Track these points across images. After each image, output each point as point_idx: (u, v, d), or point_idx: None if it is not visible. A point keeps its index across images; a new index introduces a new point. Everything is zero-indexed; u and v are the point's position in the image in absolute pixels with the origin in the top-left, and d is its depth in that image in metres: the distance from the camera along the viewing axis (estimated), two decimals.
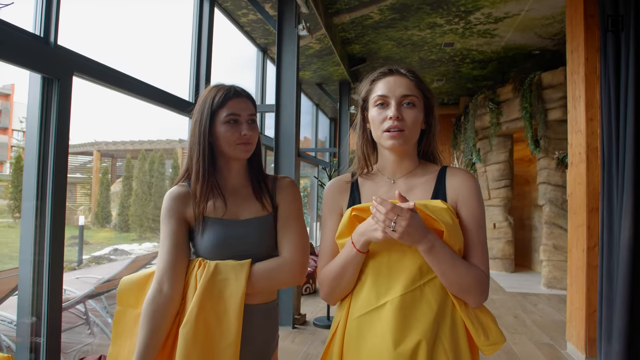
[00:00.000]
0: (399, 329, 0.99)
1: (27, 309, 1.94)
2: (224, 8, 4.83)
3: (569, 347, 3.55)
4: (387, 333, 1.00)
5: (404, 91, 1.09)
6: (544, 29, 5.72)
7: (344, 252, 1.07)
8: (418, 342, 0.98)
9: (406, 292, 1.02)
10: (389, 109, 1.08)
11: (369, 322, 1.04)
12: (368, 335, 1.03)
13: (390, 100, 1.09)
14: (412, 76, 1.12)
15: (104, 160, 13.90)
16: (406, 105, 1.09)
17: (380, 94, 1.10)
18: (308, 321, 4.32)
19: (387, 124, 1.08)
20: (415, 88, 1.11)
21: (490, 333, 1.06)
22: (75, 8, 2.66)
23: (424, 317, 1.01)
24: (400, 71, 1.13)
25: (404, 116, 1.08)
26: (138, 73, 2.69)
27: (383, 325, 1.01)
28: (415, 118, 1.09)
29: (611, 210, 2.94)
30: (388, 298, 1.03)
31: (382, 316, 1.02)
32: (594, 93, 3.32)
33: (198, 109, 1.23)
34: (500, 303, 5.28)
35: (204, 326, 1.10)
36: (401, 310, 1.01)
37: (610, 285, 2.93)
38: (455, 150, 9.26)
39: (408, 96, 1.09)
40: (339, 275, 1.07)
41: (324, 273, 1.12)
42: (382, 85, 1.11)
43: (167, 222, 1.20)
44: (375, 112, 1.11)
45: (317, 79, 7.61)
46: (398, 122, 1.07)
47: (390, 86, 1.10)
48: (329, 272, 1.10)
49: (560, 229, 5.98)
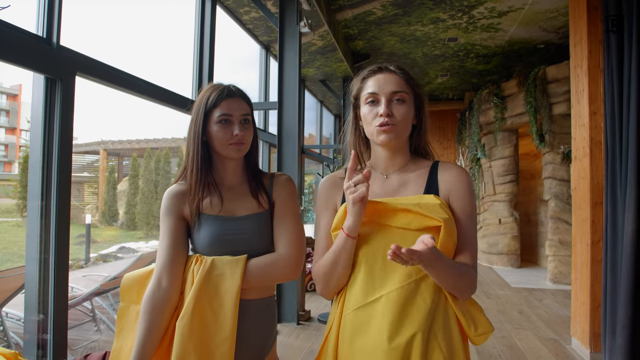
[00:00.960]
0: (394, 322, 1.00)
1: (34, 307, 1.97)
2: (226, 6, 4.85)
3: (574, 342, 3.55)
4: (382, 327, 1.01)
5: (393, 88, 1.11)
6: (549, 23, 5.68)
7: (336, 241, 1.08)
8: (413, 335, 0.99)
9: (401, 286, 1.03)
10: (380, 106, 1.10)
11: (364, 316, 1.05)
12: (362, 329, 1.04)
13: (381, 97, 1.11)
14: (402, 73, 1.14)
15: (110, 159, 14.01)
16: (396, 102, 1.11)
17: (370, 91, 1.12)
18: (313, 317, 4.34)
19: (378, 121, 1.10)
20: (404, 84, 1.12)
21: (480, 324, 1.07)
22: (78, 8, 2.68)
23: (419, 310, 1.02)
24: (390, 68, 1.14)
25: (394, 112, 1.10)
26: (141, 72, 2.71)
27: (378, 319, 1.02)
28: (406, 113, 1.11)
29: (615, 204, 2.93)
30: (383, 292, 1.04)
31: (377, 310, 1.03)
32: (598, 87, 3.30)
33: (194, 109, 1.26)
34: (505, 299, 5.27)
35: (199, 320, 1.12)
36: (396, 303, 1.02)
37: (614, 279, 2.92)
38: (460, 145, 9.23)
39: (398, 92, 1.11)
40: (332, 266, 1.08)
41: (318, 266, 1.14)
42: (372, 83, 1.13)
43: (165, 219, 1.23)
44: (367, 110, 1.13)
45: (321, 76, 7.61)
46: (389, 119, 1.09)
47: (380, 83, 1.12)
48: (322, 264, 1.12)
49: (566, 224, 5.95)
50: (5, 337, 3.01)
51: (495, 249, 7.41)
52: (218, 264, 1.16)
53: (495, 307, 4.88)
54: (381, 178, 1.17)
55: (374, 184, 1.15)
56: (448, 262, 1.01)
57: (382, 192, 1.14)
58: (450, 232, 1.04)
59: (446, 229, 1.03)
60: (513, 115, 6.80)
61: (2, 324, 3.03)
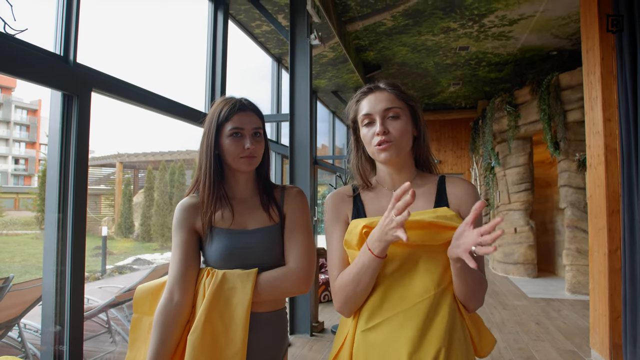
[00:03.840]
0: (415, 337, 0.99)
1: (51, 318, 2.00)
2: (237, 20, 4.93)
3: (593, 354, 3.46)
4: (402, 343, 0.99)
5: (385, 105, 1.11)
6: (561, 29, 5.65)
7: (360, 259, 1.04)
8: (438, 350, 0.98)
9: (420, 301, 1.02)
10: (375, 126, 1.11)
11: (381, 334, 1.03)
12: (379, 347, 1.02)
13: (375, 116, 1.11)
14: (392, 89, 1.14)
15: (126, 171, 14.22)
16: (390, 119, 1.11)
17: (364, 113, 1.13)
18: (326, 329, 4.32)
19: (375, 140, 1.10)
20: (396, 99, 1.13)
21: (485, 336, 1.08)
22: (94, 26, 2.76)
23: (440, 325, 1.01)
24: (380, 86, 1.15)
25: (389, 129, 1.10)
26: (155, 86, 2.77)
27: (397, 336, 1.01)
28: (402, 128, 1.11)
29: (632, 212, 2.88)
30: (400, 308, 1.03)
31: (394, 327, 1.02)
32: (611, 93, 3.26)
33: (207, 122, 1.28)
34: (522, 309, 5.18)
35: (211, 334, 1.13)
36: (416, 319, 1.00)
37: (633, 289, 2.85)
38: (474, 154, 9.15)
39: (390, 109, 1.11)
40: (355, 284, 1.05)
41: (339, 282, 1.11)
42: (365, 104, 1.14)
43: (178, 233, 1.24)
44: (365, 131, 1.14)
45: (333, 87, 7.66)
46: (385, 137, 1.09)
47: (372, 103, 1.13)
48: (344, 281, 1.08)
49: (583, 233, 5.84)
50: (23, 349, 3.06)
51: (511, 259, 7.30)
52: (229, 278, 1.17)
53: (512, 318, 4.79)
54: (389, 194, 1.16)
55: (382, 200, 1.15)
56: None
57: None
58: None
59: None
60: (527, 123, 6.74)
61: (20, 335, 3.08)
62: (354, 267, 1.06)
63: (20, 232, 13.72)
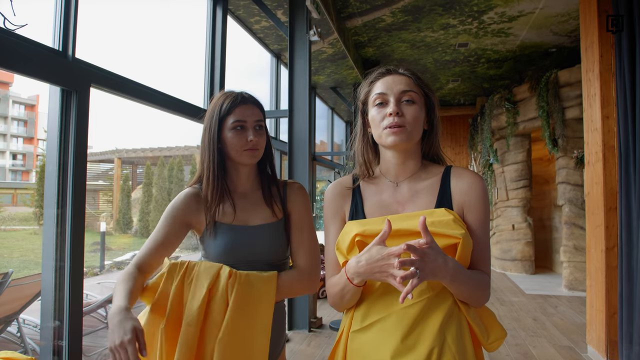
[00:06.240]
0: (406, 339, 0.98)
1: (50, 313, 2.00)
2: (237, 16, 4.91)
3: (590, 350, 3.49)
4: (392, 343, 0.98)
5: (402, 87, 1.06)
6: (560, 26, 5.64)
7: (342, 279, 1.03)
8: (430, 350, 0.96)
9: (413, 303, 0.99)
10: (389, 107, 1.06)
11: (373, 335, 1.02)
12: (371, 348, 1.01)
13: (389, 97, 1.06)
14: (411, 74, 1.10)
15: (124, 167, 14.20)
16: (406, 102, 1.06)
17: (378, 92, 1.08)
18: (324, 324, 4.34)
19: (387, 121, 1.05)
20: (414, 84, 1.08)
21: (493, 330, 1.05)
22: (92, 21, 2.75)
23: (433, 325, 0.98)
24: (398, 70, 1.11)
25: (404, 112, 1.05)
26: (154, 82, 2.76)
27: (388, 335, 0.99)
28: (416, 114, 1.06)
29: (629, 209, 2.89)
30: (393, 309, 1.01)
31: (386, 328, 1.00)
32: (610, 90, 3.27)
33: (208, 116, 1.26)
34: (519, 305, 5.20)
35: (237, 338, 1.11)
36: (409, 320, 0.98)
37: (630, 286, 2.87)
38: (472, 151, 9.16)
39: (407, 92, 1.06)
40: (339, 297, 1.07)
41: (329, 285, 1.12)
42: (380, 84, 1.09)
43: (166, 218, 1.24)
44: (375, 112, 1.08)
45: (332, 83, 7.65)
46: (398, 118, 1.04)
47: (389, 84, 1.08)
48: (331, 290, 1.10)
49: (581, 230, 5.87)
50: (22, 344, 3.07)
51: (508, 255, 7.33)
52: (254, 282, 1.16)
53: (509, 314, 4.82)
54: (391, 186, 1.12)
55: (383, 193, 1.12)
56: (466, 273, 0.98)
57: (392, 202, 1.10)
58: (467, 247, 1.00)
59: (463, 245, 0.98)
60: (525, 120, 6.75)
61: (19, 330, 3.09)
62: (337, 283, 1.06)
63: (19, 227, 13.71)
